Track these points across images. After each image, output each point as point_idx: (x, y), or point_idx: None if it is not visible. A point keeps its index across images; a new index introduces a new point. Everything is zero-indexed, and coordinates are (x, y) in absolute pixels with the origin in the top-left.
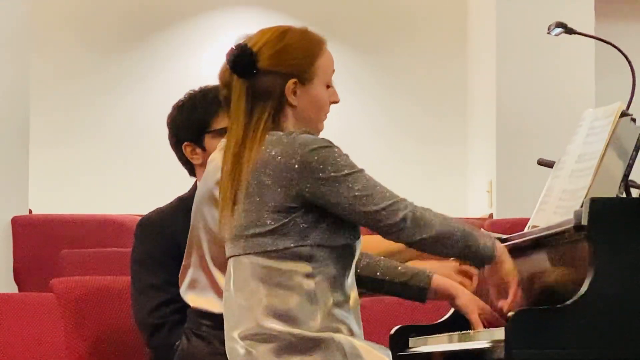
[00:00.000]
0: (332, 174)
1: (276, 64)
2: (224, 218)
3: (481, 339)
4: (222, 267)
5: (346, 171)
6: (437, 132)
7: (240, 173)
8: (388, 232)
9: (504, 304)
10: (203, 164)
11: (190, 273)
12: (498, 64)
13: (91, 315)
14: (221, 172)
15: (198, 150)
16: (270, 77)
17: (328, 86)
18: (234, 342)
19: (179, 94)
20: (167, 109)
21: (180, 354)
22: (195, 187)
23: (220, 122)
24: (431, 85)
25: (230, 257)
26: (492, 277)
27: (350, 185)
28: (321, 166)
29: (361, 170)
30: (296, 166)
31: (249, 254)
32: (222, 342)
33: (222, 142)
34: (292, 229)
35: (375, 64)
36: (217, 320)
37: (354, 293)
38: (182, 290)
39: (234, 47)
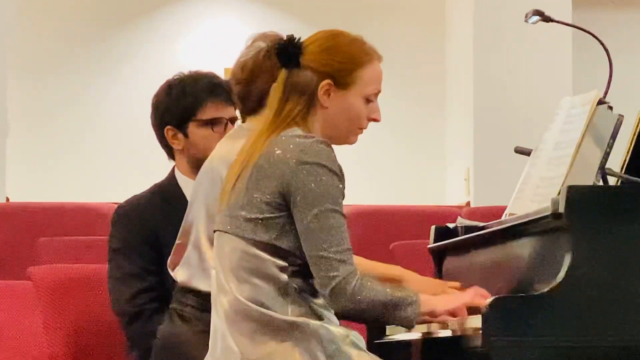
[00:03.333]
0: (317, 197)
1: (317, 60)
2: (225, 192)
3: (459, 327)
4: None
5: (329, 205)
6: (415, 121)
7: (252, 154)
8: (320, 282)
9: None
10: (183, 150)
11: (184, 251)
12: (475, 52)
13: (69, 303)
14: (241, 150)
15: (180, 136)
16: (309, 72)
17: (369, 100)
18: (217, 318)
19: (156, 81)
20: (146, 96)
21: (163, 334)
22: (172, 173)
23: (207, 112)
24: (408, 73)
25: (216, 230)
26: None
27: (322, 217)
28: (313, 182)
29: (342, 215)
30: (294, 167)
31: (232, 234)
32: (206, 324)
33: (235, 129)
34: (275, 225)
35: None
36: (202, 300)
37: None
38: (172, 265)
39: (284, 37)
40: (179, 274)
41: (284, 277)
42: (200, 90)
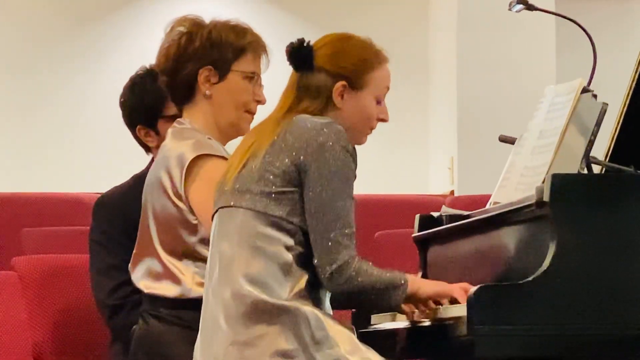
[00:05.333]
0: (330, 173)
1: (331, 63)
2: (232, 170)
3: (443, 316)
4: (173, 254)
5: (340, 185)
6: (398, 110)
7: (263, 134)
8: (321, 262)
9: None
10: (158, 146)
11: (143, 261)
12: (459, 41)
13: (53, 293)
14: (249, 133)
15: (152, 133)
16: (323, 75)
17: (379, 102)
18: (212, 300)
19: None
20: None
21: (139, 337)
22: (151, 164)
23: (172, 108)
24: (392, 62)
25: (221, 207)
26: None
27: (332, 196)
28: (329, 159)
29: (351, 198)
30: (312, 142)
31: (242, 207)
32: (181, 320)
33: (173, 128)
34: (287, 200)
35: None
36: (172, 303)
37: None
38: (136, 278)
39: (295, 41)
40: (145, 285)
41: (289, 257)
42: (161, 87)
